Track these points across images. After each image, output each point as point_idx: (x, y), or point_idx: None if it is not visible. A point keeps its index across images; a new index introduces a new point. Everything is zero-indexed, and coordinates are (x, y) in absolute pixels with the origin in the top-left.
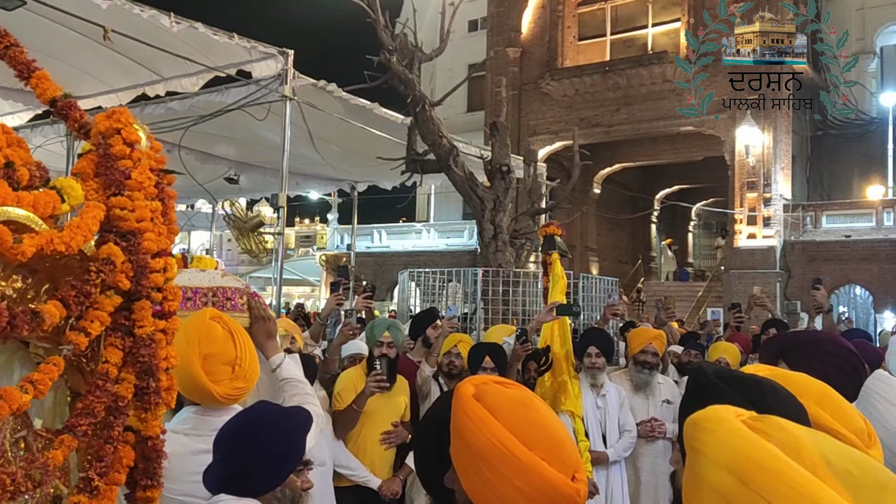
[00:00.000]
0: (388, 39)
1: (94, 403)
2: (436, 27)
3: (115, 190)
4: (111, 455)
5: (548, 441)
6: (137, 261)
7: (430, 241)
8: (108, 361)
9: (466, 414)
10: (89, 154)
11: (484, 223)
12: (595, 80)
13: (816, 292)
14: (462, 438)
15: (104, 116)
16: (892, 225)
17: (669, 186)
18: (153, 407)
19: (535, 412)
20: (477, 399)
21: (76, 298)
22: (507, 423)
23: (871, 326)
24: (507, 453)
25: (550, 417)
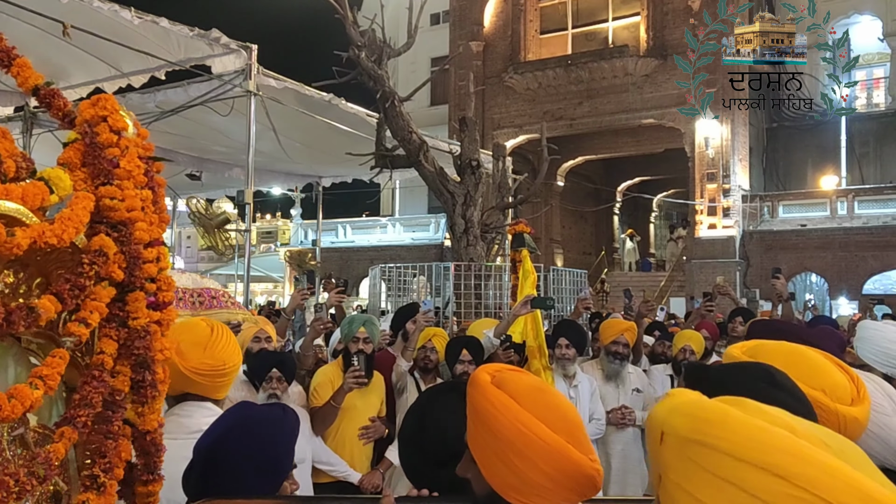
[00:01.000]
0: (356, 35)
1: (92, 394)
2: (398, 21)
3: (103, 179)
4: (113, 450)
5: (569, 424)
6: (130, 251)
7: (396, 235)
8: (104, 352)
9: (490, 402)
10: (75, 143)
11: (455, 218)
12: (558, 74)
13: (776, 281)
14: (486, 426)
15: (89, 104)
16: (845, 214)
17: (631, 178)
18: (150, 400)
19: (553, 396)
20: (497, 386)
21: (71, 292)
22: (532, 409)
23: (827, 312)
24: (536, 438)
25: (565, 401)
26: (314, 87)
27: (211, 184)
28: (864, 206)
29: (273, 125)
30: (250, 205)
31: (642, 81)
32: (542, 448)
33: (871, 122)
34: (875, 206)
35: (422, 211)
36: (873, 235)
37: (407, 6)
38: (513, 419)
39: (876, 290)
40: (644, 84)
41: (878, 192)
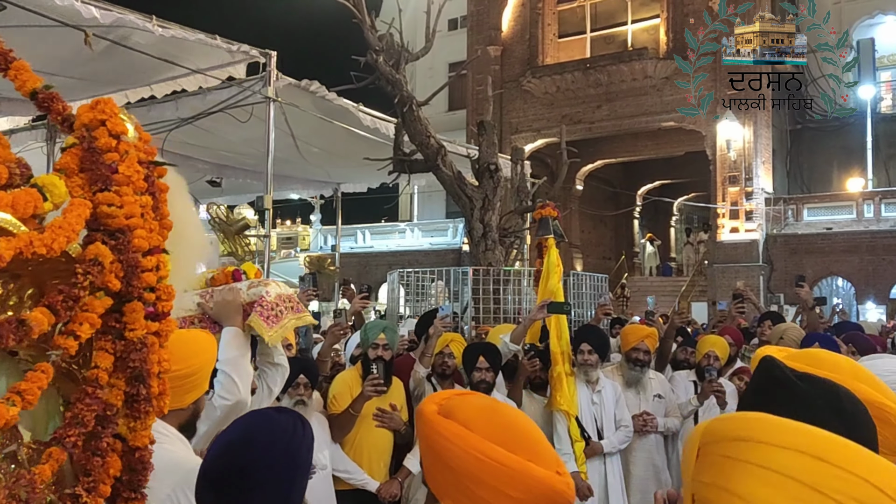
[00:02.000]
0: (374, 40)
1: (84, 412)
2: (416, 25)
3: (101, 185)
4: (99, 468)
5: (527, 440)
6: (127, 260)
7: (414, 240)
8: (98, 366)
9: (440, 434)
10: (73, 148)
11: (473, 222)
12: (576, 77)
13: (800, 290)
14: (440, 460)
15: (88, 107)
16: (872, 217)
17: (651, 182)
18: (143, 415)
19: (506, 415)
20: (445, 416)
21: (64, 303)
22: (485, 433)
23: (854, 317)
24: (496, 464)
25: (521, 416)
26: (332, 92)
27: (231, 190)
28: (892, 208)
29: (292, 131)
30: (270, 211)
31: (662, 84)
32: (504, 472)
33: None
34: None
35: (440, 216)
36: None
37: (425, 10)
38: (467, 447)
39: None
40: (664, 87)
41: None
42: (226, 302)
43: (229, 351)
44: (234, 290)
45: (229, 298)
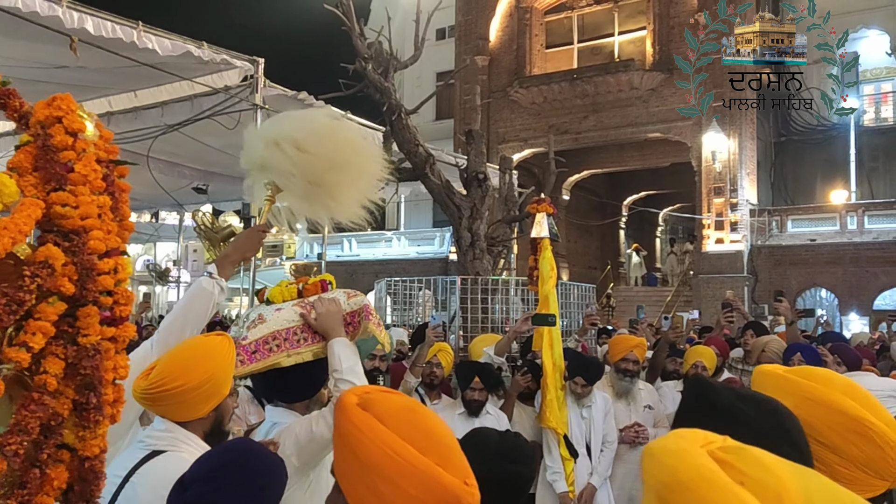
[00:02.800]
0: (363, 47)
1: (29, 419)
2: (404, 34)
3: (55, 184)
4: (36, 480)
5: (440, 446)
6: (82, 262)
7: (401, 249)
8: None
9: (355, 425)
10: (27, 146)
11: (461, 231)
12: (563, 88)
13: (779, 305)
14: (352, 452)
15: (44, 104)
16: (855, 229)
17: (637, 193)
18: (93, 424)
19: (424, 417)
20: (363, 408)
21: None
22: (399, 431)
23: (837, 328)
24: (403, 462)
25: (439, 422)
26: (320, 100)
27: (218, 196)
28: (875, 220)
29: None
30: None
31: (648, 95)
32: (410, 472)
33: (880, 137)
34: (885, 220)
35: (427, 225)
36: (884, 251)
37: (413, 19)
38: (379, 442)
39: (887, 305)
40: (650, 98)
41: (888, 207)
42: (330, 313)
43: (346, 360)
44: (335, 302)
45: (333, 310)
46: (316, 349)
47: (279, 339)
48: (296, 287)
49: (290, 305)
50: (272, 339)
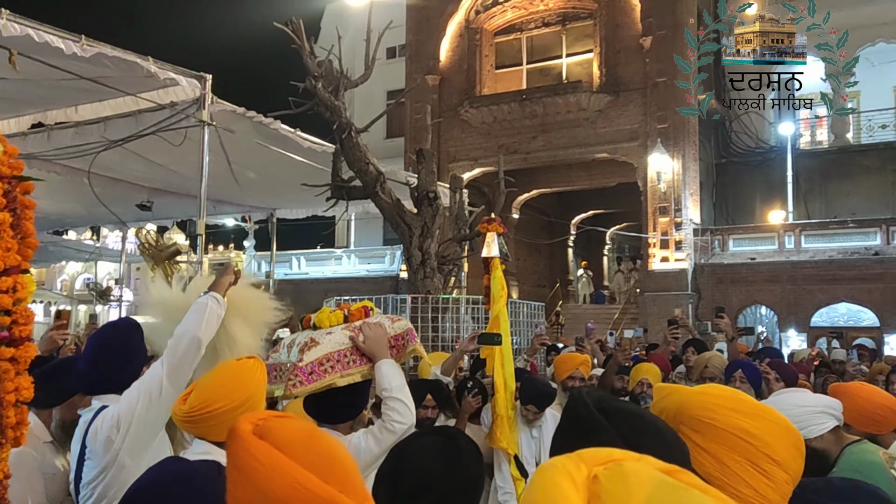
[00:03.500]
0: (313, 66)
1: None
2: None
3: None
4: None
5: (341, 471)
6: None
7: (351, 267)
8: None
9: (252, 455)
10: None
11: (412, 250)
12: (513, 108)
13: (720, 321)
14: (249, 482)
15: None
16: (793, 248)
17: (585, 212)
18: None
19: (323, 443)
20: (260, 437)
21: None
22: (300, 459)
23: (777, 345)
24: (306, 492)
25: (338, 446)
26: (270, 117)
27: (162, 213)
28: (811, 240)
29: (227, 156)
30: (203, 236)
31: (595, 117)
32: (312, 501)
33: (815, 159)
34: (821, 240)
35: (377, 243)
36: (820, 269)
37: (364, 38)
38: (280, 473)
39: (823, 322)
40: (597, 119)
41: (823, 227)
42: (377, 337)
43: (395, 380)
44: (381, 326)
45: (380, 333)
46: (364, 370)
47: (332, 361)
48: (342, 312)
49: (339, 329)
50: (326, 360)
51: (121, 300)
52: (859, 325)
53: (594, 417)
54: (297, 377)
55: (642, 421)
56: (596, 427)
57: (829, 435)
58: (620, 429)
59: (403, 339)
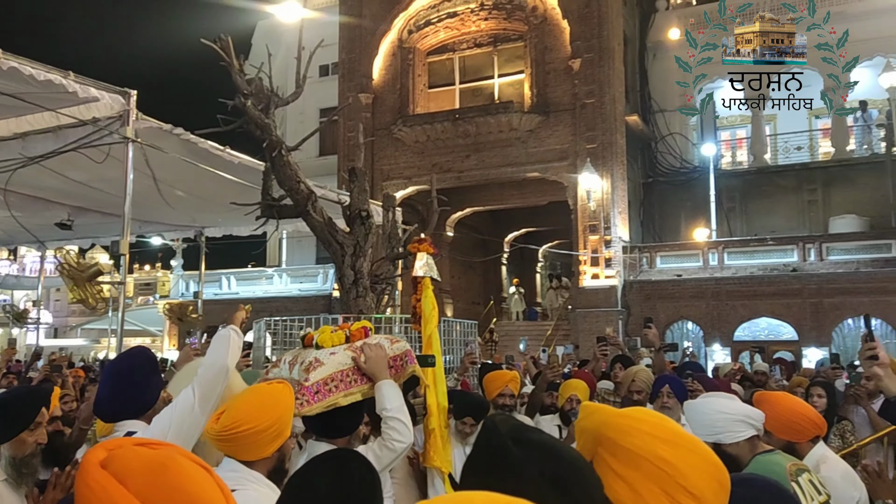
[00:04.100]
0: (242, 83)
1: None
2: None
3: None
4: None
5: None
6: None
7: (283, 286)
8: None
9: (88, 485)
10: None
11: (344, 269)
12: (446, 127)
13: (648, 332)
14: None
15: None
16: (716, 265)
17: (518, 230)
18: None
19: (175, 475)
20: (104, 466)
21: None
22: (139, 491)
23: (703, 359)
24: None
25: (193, 480)
26: (198, 135)
27: (84, 233)
28: (733, 257)
29: (153, 173)
30: (126, 257)
31: (527, 136)
32: None
33: (736, 179)
34: (742, 257)
35: (310, 261)
36: (742, 285)
37: (295, 56)
38: (107, 501)
39: (746, 336)
40: (528, 139)
41: (744, 245)
42: (378, 357)
43: (394, 400)
44: (381, 347)
45: (381, 354)
46: (364, 389)
47: (336, 381)
48: (343, 333)
49: (342, 350)
50: (331, 380)
51: (38, 322)
52: (779, 339)
53: (507, 449)
54: (303, 396)
55: (557, 453)
56: (507, 459)
57: (745, 443)
58: (533, 461)
59: (402, 359)
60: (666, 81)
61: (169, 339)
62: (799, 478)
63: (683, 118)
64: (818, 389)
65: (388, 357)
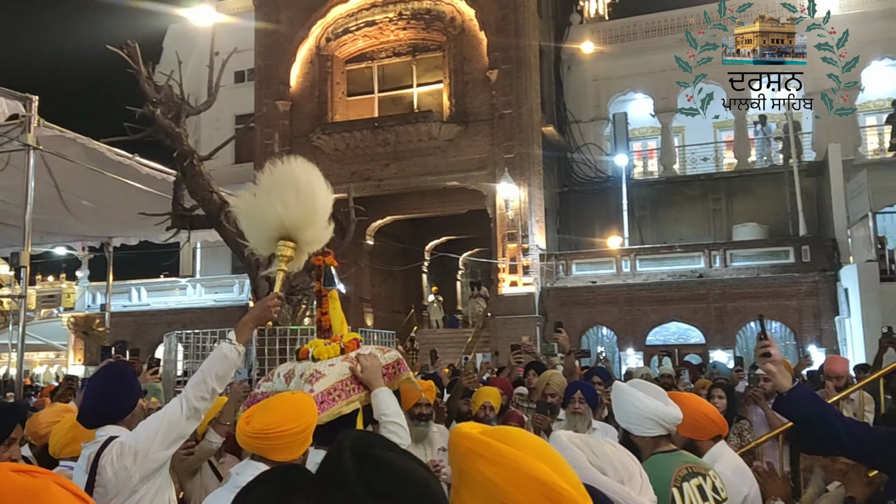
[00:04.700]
0: (151, 91)
1: None
2: (200, 76)
3: None
4: None
5: None
6: None
7: (197, 297)
8: None
9: None
10: None
11: (258, 280)
12: (365, 136)
13: (558, 335)
14: None
15: None
16: (629, 271)
17: (438, 238)
18: None
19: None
20: None
21: None
22: None
23: (617, 363)
24: None
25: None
26: (104, 143)
27: None
28: (645, 264)
29: (56, 182)
30: (27, 268)
31: (446, 146)
32: None
33: (647, 189)
34: (653, 264)
35: (225, 271)
36: (652, 291)
37: (207, 64)
38: None
39: (657, 341)
40: (448, 148)
41: (655, 252)
42: (373, 367)
43: (391, 406)
44: (375, 357)
45: (376, 364)
46: (362, 397)
47: (338, 391)
48: (338, 345)
49: (339, 360)
50: (333, 390)
51: None
52: (688, 343)
53: (343, 462)
54: None
55: (399, 473)
56: (340, 472)
57: (650, 439)
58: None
59: (395, 367)
60: (580, 93)
61: (74, 354)
62: (684, 483)
63: (598, 129)
64: (718, 391)
65: (382, 366)
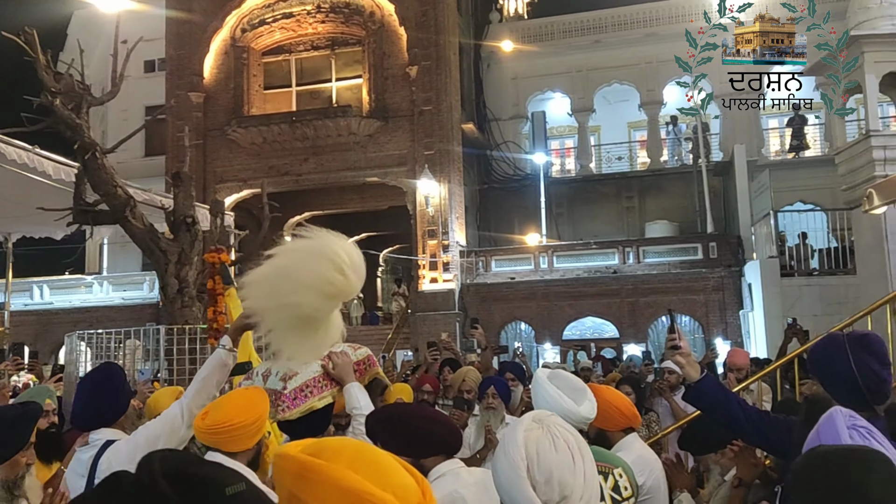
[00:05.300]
0: (50, 80)
1: None
2: (106, 65)
3: None
4: None
5: None
6: None
7: (104, 295)
8: None
9: None
10: None
11: (167, 278)
12: (283, 130)
13: (475, 332)
14: None
15: None
16: (546, 268)
17: (358, 234)
18: None
19: None
20: None
21: None
22: None
23: (534, 357)
24: None
25: None
26: (0, 134)
27: None
28: (561, 260)
29: None
30: None
31: (366, 141)
32: None
33: (564, 186)
34: (569, 260)
35: (135, 268)
36: (569, 286)
37: (111, 53)
38: None
39: (573, 335)
40: (367, 144)
41: (571, 248)
42: (345, 364)
43: (362, 399)
44: (346, 354)
45: (347, 361)
46: (334, 392)
47: (310, 387)
48: None
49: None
50: (305, 387)
51: None
52: (603, 337)
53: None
54: (283, 403)
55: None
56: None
57: None
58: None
59: (365, 364)
60: (500, 91)
61: None
62: None
63: (517, 127)
64: (626, 387)
65: (353, 362)
